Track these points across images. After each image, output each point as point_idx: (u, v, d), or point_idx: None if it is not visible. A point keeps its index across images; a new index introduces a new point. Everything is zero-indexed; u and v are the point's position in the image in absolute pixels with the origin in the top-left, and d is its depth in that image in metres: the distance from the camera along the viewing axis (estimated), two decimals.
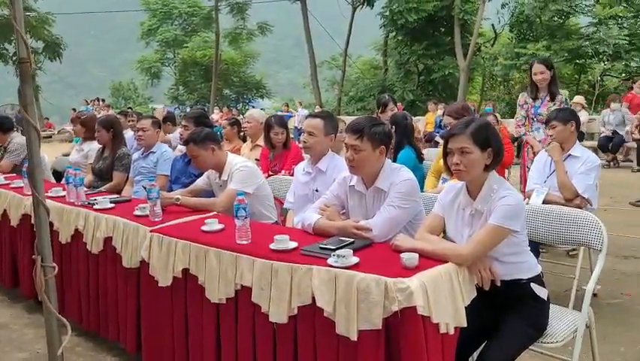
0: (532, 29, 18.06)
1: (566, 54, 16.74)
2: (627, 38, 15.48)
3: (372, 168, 2.65)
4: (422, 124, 12.88)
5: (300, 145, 3.41)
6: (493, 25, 20.40)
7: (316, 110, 16.39)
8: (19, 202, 4.08)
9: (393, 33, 21.00)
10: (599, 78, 18.08)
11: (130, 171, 4.78)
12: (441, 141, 4.45)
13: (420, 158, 4.66)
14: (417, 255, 2.12)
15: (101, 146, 4.94)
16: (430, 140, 11.92)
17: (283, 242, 2.45)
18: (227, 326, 2.59)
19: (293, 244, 2.45)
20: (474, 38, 17.75)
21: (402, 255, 2.14)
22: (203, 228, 2.86)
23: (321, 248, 2.37)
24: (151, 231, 2.96)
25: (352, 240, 2.44)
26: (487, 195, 2.25)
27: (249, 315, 2.49)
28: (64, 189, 3.91)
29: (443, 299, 2.04)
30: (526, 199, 3.79)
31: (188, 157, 4.21)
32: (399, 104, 12.74)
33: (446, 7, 18.64)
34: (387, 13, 19.42)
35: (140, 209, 3.29)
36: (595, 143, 10.58)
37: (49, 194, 3.83)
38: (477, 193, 2.28)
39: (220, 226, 2.87)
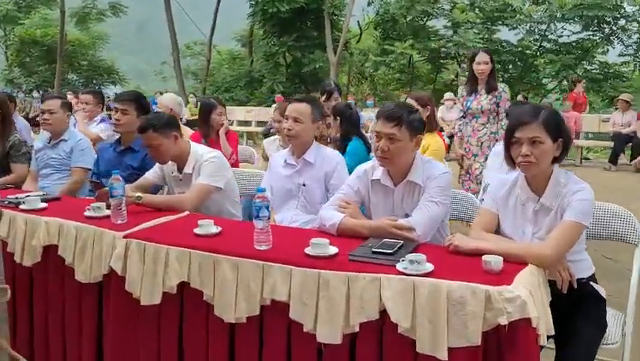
0: (396, 28, 18.83)
1: (428, 53, 17.73)
2: (481, 41, 16.78)
3: (406, 160, 2.36)
4: None
5: (285, 132, 3.00)
6: (358, 22, 20.95)
7: (191, 100, 15.51)
8: None
9: (261, 23, 20.60)
10: (454, 78, 19.45)
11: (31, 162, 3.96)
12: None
13: (369, 149, 4.45)
14: (501, 258, 1.88)
15: None
16: None
17: (323, 247, 2.07)
18: (248, 351, 2.14)
19: (334, 249, 2.09)
20: (344, 34, 18.02)
21: (484, 258, 1.89)
22: (198, 231, 2.36)
23: (374, 252, 2.03)
24: (125, 237, 2.38)
25: (401, 241, 2.14)
26: (555, 190, 2.08)
27: (281, 336, 2.08)
28: None
29: (541, 307, 1.83)
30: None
31: (122, 146, 3.56)
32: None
33: (317, 1, 18.69)
34: (259, 1, 18.98)
35: (93, 209, 2.65)
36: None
37: None
38: (543, 187, 2.10)
39: (218, 229, 2.39)
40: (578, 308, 2.12)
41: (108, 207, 2.64)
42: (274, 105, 14.90)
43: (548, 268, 1.98)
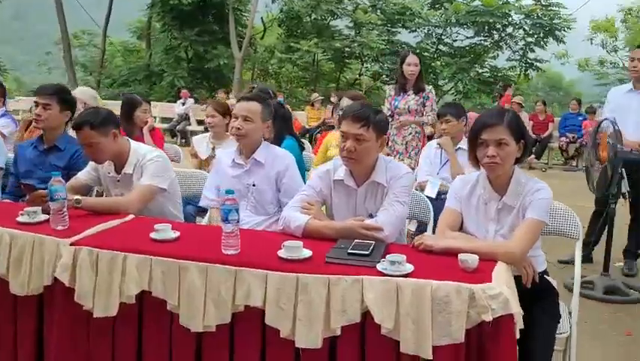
0: (300, 26, 18.91)
1: (332, 52, 17.98)
2: (384, 43, 17.30)
3: (370, 161, 2.37)
4: None
5: (232, 132, 2.89)
6: (262, 18, 20.78)
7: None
8: None
9: (160, 15, 19.83)
10: (357, 77, 19.92)
11: None
12: None
13: (302, 147, 4.43)
14: (477, 256, 1.94)
15: None
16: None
17: (297, 249, 2.02)
18: (217, 360, 2.04)
19: (308, 252, 2.04)
20: (249, 30, 17.82)
21: (461, 256, 1.93)
22: (156, 236, 2.21)
23: (350, 254, 2.01)
24: (72, 244, 2.17)
25: (372, 242, 2.13)
26: (516, 189, 2.18)
27: (255, 343, 2.00)
28: None
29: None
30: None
31: (45, 144, 3.26)
32: None
33: None
34: None
35: (27, 214, 2.40)
36: None
37: None
38: (505, 187, 2.19)
39: (176, 233, 2.25)
40: (536, 301, 2.23)
41: (45, 211, 2.40)
42: (179, 101, 14.47)
43: (515, 264, 2.07)
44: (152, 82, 20.09)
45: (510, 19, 17.30)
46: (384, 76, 19.46)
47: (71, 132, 3.02)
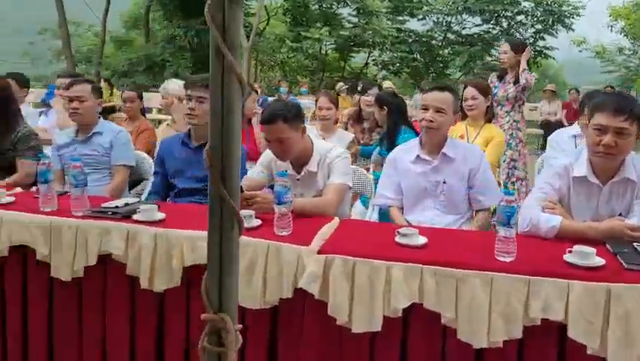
0: (306, 14, 18.59)
1: (342, 41, 17.71)
2: (394, 30, 17.10)
3: (625, 156, 2.18)
4: None
5: (422, 124, 2.67)
6: (265, 7, 20.35)
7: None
8: None
9: (159, 6, 19.34)
10: (363, 66, 19.69)
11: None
12: None
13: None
14: None
15: None
16: None
17: (590, 256, 1.84)
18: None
19: (601, 260, 1.86)
20: (257, 18, 17.21)
21: None
22: (402, 241, 2.00)
23: None
24: (320, 252, 1.95)
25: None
26: None
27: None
28: None
29: None
30: None
31: (196, 143, 2.99)
32: None
33: None
34: None
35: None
36: None
37: None
38: None
39: (423, 238, 2.05)
40: None
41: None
42: None
43: None
44: (154, 72, 19.60)
45: (520, 6, 17.22)
46: (391, 65, 19.29)
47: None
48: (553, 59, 18.05)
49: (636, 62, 17.16)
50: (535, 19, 17.35)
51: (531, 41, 17.76)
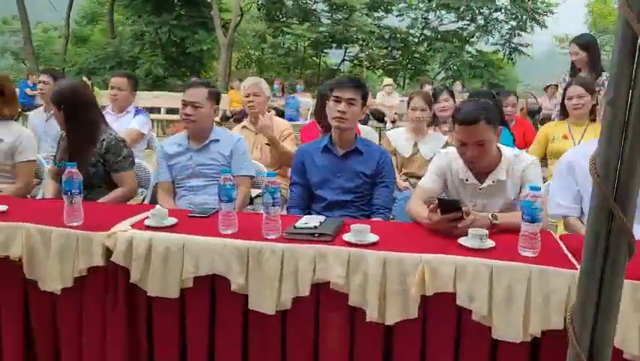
0: (282, 10, 18.26)
1: (321, 37, 17.47)
2: (376, 27, 17.01)
3: None
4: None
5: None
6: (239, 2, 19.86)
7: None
8: None
9: (125, 1, 18.55)
10: (340, 62, 19.54)
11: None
12: None
13: (513, 139, 4.07)
14: None
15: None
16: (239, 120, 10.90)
17: None
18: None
19: None
20: (235, 14, 16.98)
21: None
22: None
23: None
24: None
25: None
26: None
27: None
28: None
29: None
30: None
31: (342, 150, 2.69)
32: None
33: None
34: None
35: None
36: None
37: None
38: None
39: None
40: None
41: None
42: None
43: None
44: (123, 70, 18.73)
45: (496, 3, 17.46)
46: (367, 62, 19.20)
47: None
48: (529, 55, 18.36)
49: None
50: (512, 15, 17.61)
51: (507, 37, 18.10)
